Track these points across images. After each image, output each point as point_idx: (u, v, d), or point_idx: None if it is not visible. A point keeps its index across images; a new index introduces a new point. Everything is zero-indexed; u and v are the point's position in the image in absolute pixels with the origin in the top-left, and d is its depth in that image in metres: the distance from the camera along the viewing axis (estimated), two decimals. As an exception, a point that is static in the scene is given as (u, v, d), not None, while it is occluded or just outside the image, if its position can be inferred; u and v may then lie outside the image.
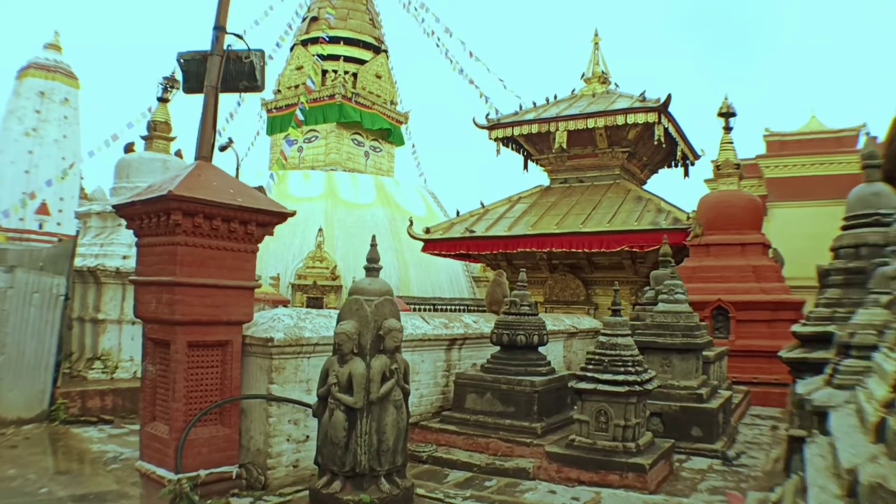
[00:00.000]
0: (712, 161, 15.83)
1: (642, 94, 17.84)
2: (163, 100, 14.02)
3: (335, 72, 32.72)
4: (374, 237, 5.60)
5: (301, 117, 26.94)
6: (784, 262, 15.09)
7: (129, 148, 13.71)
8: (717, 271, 14.05)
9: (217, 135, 6.55)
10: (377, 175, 33.33)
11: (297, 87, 33.74)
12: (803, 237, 19.93)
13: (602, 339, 7.11)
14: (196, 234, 5.39)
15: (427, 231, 18.83)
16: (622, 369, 6.77)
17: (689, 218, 15.63)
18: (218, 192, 5.47)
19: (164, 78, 14.16)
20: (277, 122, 33.79)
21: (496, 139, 19.17)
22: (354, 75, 33.35)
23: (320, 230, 26.37)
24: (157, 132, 13.60)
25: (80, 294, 11.91)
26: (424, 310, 22.74)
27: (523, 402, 7.47)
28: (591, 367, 6.92)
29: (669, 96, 16.86)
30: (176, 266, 5.29)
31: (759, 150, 25.56)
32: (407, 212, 27.66)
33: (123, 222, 13.12)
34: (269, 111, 34.38)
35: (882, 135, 26.88)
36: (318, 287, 25.33)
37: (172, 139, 13.94)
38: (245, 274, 5.85)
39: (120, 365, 11.66)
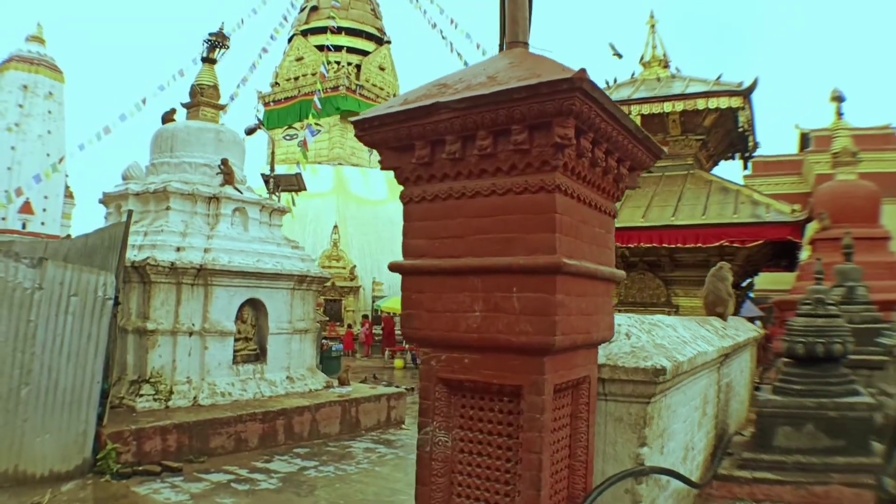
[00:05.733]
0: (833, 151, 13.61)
1: (719, 77, 15.68)
2: (209, 60, 10.86)
3: (338, 63, 29.65)
4: None
5: (319, 105, 23.92)
6: None
7: (167, 117, 10.53)
8: (853, 268, 11.80)
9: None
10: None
11: (296, 78, 30.56)
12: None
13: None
14: (573, 174, 2.59)
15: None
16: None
17: (793, 211, 13.47)
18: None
19: (210, 34, 11.04)
20: (275, 115, 30.46)
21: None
22: (358, 67, 30.36)
23: (335, 227, 23.26)
24: (205, 97, 10.46)
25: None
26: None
27: (856, 432, 5.30)
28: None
29: (756, 79, 14.72)
30: (555, 234, 2.46)
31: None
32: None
33: (171, 205, 9.94)
34: (266, 104, 30.98)
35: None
36: (336, 288, 22.15)
37: (223, 107, 10.85)
38: (609, 254, 3.05)
39: (175, 389, 8.51)
